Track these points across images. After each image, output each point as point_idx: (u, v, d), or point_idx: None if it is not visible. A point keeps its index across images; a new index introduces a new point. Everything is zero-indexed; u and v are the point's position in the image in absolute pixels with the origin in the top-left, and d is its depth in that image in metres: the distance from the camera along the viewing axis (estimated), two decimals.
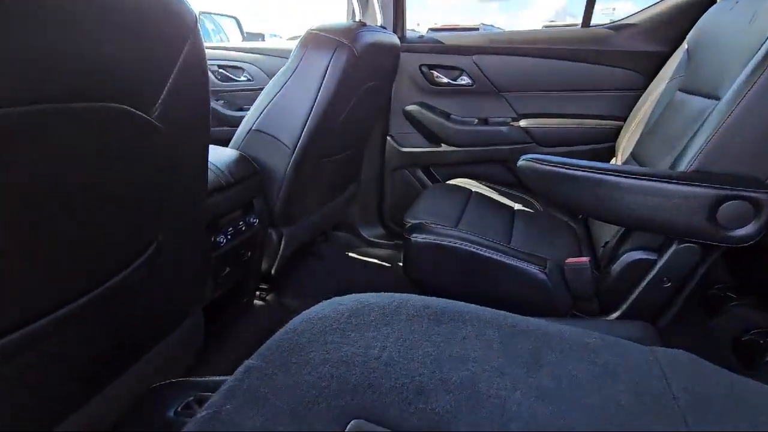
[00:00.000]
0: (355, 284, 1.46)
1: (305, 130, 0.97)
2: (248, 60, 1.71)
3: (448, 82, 1.45)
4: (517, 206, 1.24)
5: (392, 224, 1.68)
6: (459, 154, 1.48)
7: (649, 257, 0.81)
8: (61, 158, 0.41)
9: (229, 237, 0.90)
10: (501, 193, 1.31)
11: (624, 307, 0.85)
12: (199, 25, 0.51)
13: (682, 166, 0.73)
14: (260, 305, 1.22)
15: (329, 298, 0.52)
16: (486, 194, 1.29)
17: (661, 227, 0.74)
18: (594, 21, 1.38)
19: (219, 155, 0.95)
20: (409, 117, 1.50)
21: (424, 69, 1.45)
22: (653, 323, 0.85)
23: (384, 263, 1.60)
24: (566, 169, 0.76)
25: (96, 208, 0.47)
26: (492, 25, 9.39)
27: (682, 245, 0.76)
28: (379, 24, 1.22)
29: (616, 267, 0.85)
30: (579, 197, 0.78)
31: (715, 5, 0.98)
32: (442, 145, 1.49)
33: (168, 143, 0.51)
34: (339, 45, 0.92)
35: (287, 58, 1.01)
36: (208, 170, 0.86)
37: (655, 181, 0.70)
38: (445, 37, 1.46)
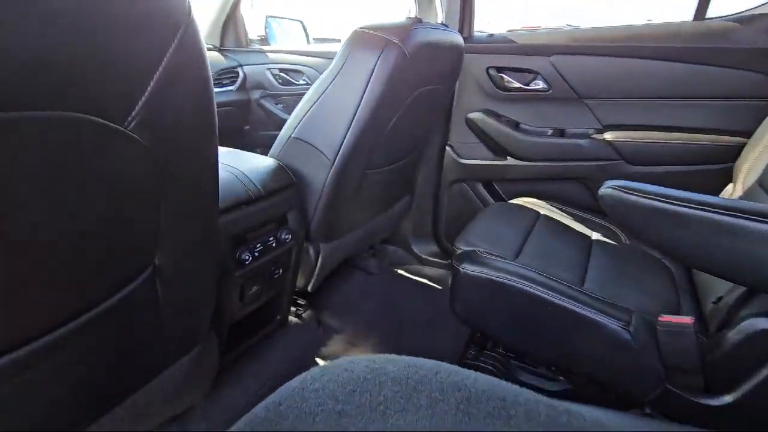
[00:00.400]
0: (399, 306, 1.34)
1: (347, 139, 0.87)
2: (308, 63, 1.67)
3: (520, 87, 1.27)
4: (596, 235, 1.03)
5: (447, 242, 1.53)
6: (528, 169, 1.29)
7: None
8: (14, 174, 0.34)
9: (256, 254, 0.83)
10: (576, 218, 1.11)
11: (742, 390, 0.63)
12: (193, 15, 0.42)
13: None
14: (295, 323, 1.15)
15: (369, 319, 0.41)
16: (557, 218, 1.10)
17: None
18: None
19: (254, 164, 0.88)
20: (472, 125, 1.34)
21: (492, 72, 1.28)
22: None
23: (434, 284, 1.46)
24: (666, 202, 0.57)
25: (71, 230, 0.40)
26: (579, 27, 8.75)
27: None
28: (440, 21, 1.09)
29: (733, 336, 0.63)
30: (682, 242, 0.58)
31: None
32: (509, 158, 1.32)
33: (153, 157, 0.43)
34: (388, 44, 0.81)
35: None
36: (238, 181, 0.80)
37: None
38: (519, 36, 1.28)
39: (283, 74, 1.74)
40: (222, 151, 0.98)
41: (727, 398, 0.64)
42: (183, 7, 0.40)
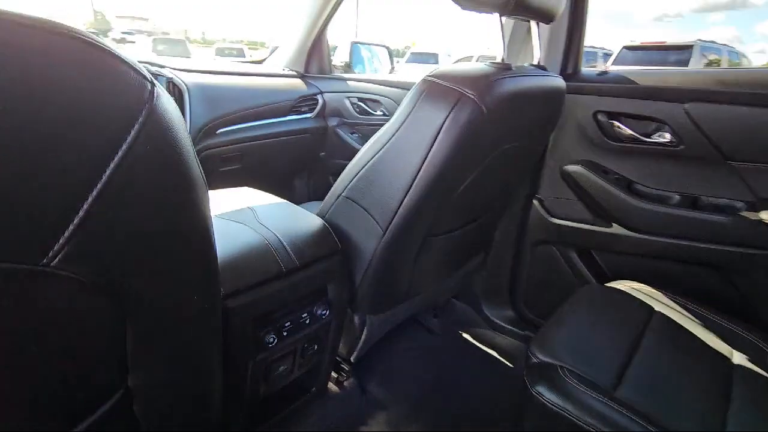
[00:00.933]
0: (461, 380, 1.14)
1: (402, 207, 0.71)
2: (387, 94, 1.56)
3: (637, 138, 1.00)
4: (738, 357, 0.74)
5: (526, 309, 1.29)
6: (641, 243, 1.01)
7: None
8: None
9: (285, 333, 0.71)
10: (708, 325, 0.82)
11: None
12: (158, 96, 0.30)
13: None
14: (335, 392, 1.02)
15: (423, 393, 0.26)
16: (679, 321, 0.82)
17: None
18: None
19: (295, 226, 0.77)
20: (569, 179, 1.10)
21: (601, 117, 1.04)
22: None
23: (505, 361, 1.23)
24: None
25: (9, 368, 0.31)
26: (713, 42, 7.56)
27: None
28: (536, 61, 0.89)
29: None
30: None
31: None
32: (615, 225, 1.05)
33: (100, 289, 0.32)
34: (461, 98, 0.64)
35: None
36: (270, 250, 0.69)
37: None
38: (641, 75, 1.02)
39: (361, 103, 1.66)
40: (264, 201, 0.90)
41: None
42: (138, 95, 0.29)
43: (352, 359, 0.97)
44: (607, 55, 9.38)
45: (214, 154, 1.39)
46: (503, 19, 0.72)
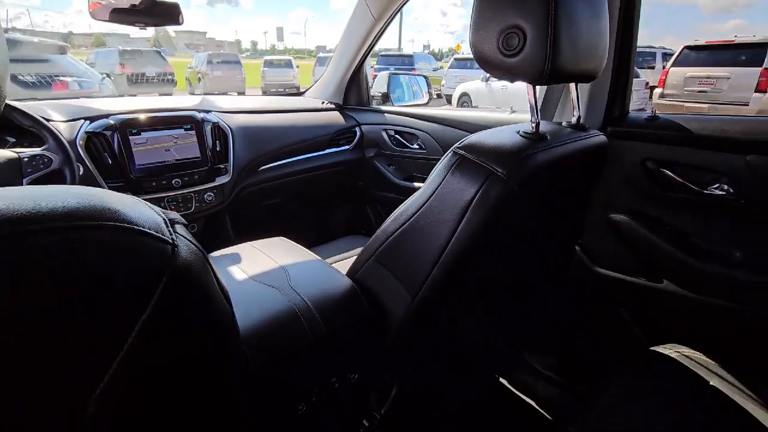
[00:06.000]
0: (494, 425, 1.11)
1: (430, 279, 0.71)
2: (423, 128, 1.55)
3: (692, 189, 0.93)
4: None
5: (571, 356, 1.23)
6: (694, 304, 0.93)
7: None
8: None
9: (314, 399, 0.73)
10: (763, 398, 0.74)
11: None
12: (178, 251, 0.32)
13: None
14: None
15: None
16: (736, 398, 0.74)
17: None
18: None
19: (324, 288, 0.78)
20: (616, 229, 1.04)
21: (651, 165, 0.97)
22: None
23: (546, 414, 1.17)
24: None
25: None
26: None
27: None
28: (575, 118, 0.85)
29: None
30: None
31: None
32: (665, 281, 0.97)
33: None
34: (491, 175, 0.62)
35: (468, 132, 0.76)
36: (298, 318, 0.71)
37: None
38: (696, 122, 0.94)
39: (397, 136, 1.67)
40: (297, 259, 0.91)
41: None
42: (159, 259, 0.30)
43: (381, 413, 0.97)
44: (667, 55, 8.78)
45: (255, 191, 1.45)
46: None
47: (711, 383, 0.77)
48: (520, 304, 1.18)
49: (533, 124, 0.69)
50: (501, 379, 1.28)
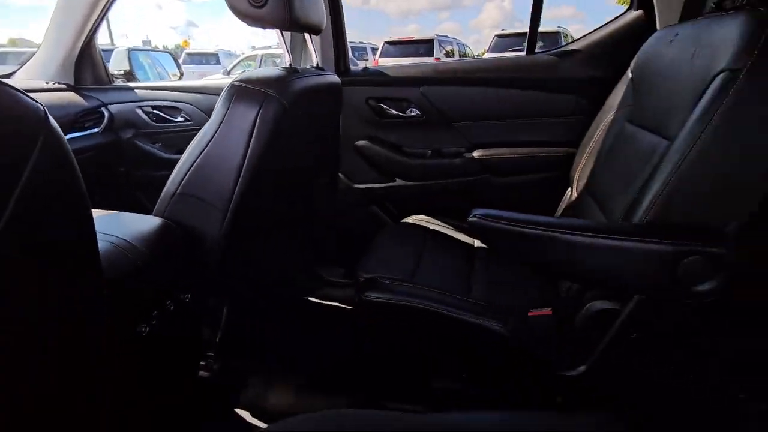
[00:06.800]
0: (313, 333, 1.37)
1: (237, 190, 0.87)
2: (185, 99, 1.59)
3: (397, 115, 1.39)
4: (477, 242, 1.18)
5: (352, 263, 1.59)
6: (414, 189, 1.42)
7: (614, 307, 0.76)
8: None
9: (154, 322, 0.79)
10: (460, 229, 1.25)
11: (592, 360, 0.80)
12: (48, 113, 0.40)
13: (639, 213, 0.69)
14: (205, 376, 1.10)
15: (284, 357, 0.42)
16: (444, 232, 1.23)
17: (620, 285, 0.69)
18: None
19: (135, 227, 0.83)
20: (360, 152, 1.43)
21: (372, 102, 1.39)
22: (623, 376, 0.80)
23: (346, 305, 1.51)
24: (517, 226, 0.71)
25: None
26: (446, 36, 9.60)
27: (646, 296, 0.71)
28: (315, 64, 1.15)
29: (580, 318, 0.79)
30: (532, 255, 0.72)
31: (655, 34, 0.96)
32: (396, 179, 1.43)
33: None
34: (266, 97, 0.83)
35: None
36: (118, 249, 0.76)
37: (612, 238, 0.65)
38: (391, 69, 1.40)
39: (156, 111, 1.63)
40: (96, 214, 0.91)
41: (582, 368, 0.81)
42: (36, 115, 0.39)
43: (217, 339, 1.08)
44: (374, 50, 10.78)
45: None
46: (283, 32, 0.94)
47: (430, 228, 1.24)
48: (307, 226, 1.45)
49: (288, 63, 0.94)
50: (310, 298, 1.54)
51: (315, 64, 1.14)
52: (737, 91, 0.58)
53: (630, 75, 1.00)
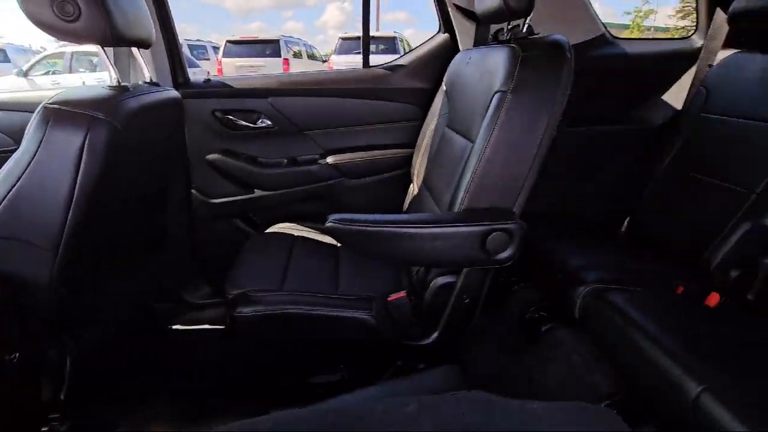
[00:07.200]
0: (184, 361, 1.29)
1: (68, 226, 0.78)
2: None
3: (248, 126, 1.39)
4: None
5: (218, 280, 1.54)
6: (275, 198, 1.44)
7: (451, 280, 0.93)
8: None
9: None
10: (324, 232, 1.33)
11: (440, 326, 0.97)
12: None
13: (458, 203, 0.86)
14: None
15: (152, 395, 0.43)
16: (310, 236, 1.29)
17: (449, 263, 0.86)
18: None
19: None
20: (214, 166, 1.39)
21: (219, 114, 1.35)
22: (464, 332, 0.99)
23: (217, 326, 1.45)
24: (367, 226, 0.81)
25: None
26: (292, 36, 9.53)
27: (470, 268, 0.90)
28: (147, 79, 1.07)
29: (428, 294, 0.95)
30: (382, 249, 0.84)
31: (457, 55, 1.18)
32: (256, 190, 1.43)
33: None
34: (93, 121, 0.76)
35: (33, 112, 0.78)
36: None
37: (437, 226, 0.80)
38: (235, 80, 1.39)
39: None
40: None
41: (435, 335, 0.97)
42: None
43: (62, 396, 0.94)
44: (216, 48, 10.06)
45: None
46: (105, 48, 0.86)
47: (297, 235, 1.28)
48: (161, 251, 1.36)
49: (116, 80, 0.87)
50: (175, 327, 1.44)
51: (148, 79, 1.07)
52: (507, 108, 0.79)
53: (444, 87, 1.21)
